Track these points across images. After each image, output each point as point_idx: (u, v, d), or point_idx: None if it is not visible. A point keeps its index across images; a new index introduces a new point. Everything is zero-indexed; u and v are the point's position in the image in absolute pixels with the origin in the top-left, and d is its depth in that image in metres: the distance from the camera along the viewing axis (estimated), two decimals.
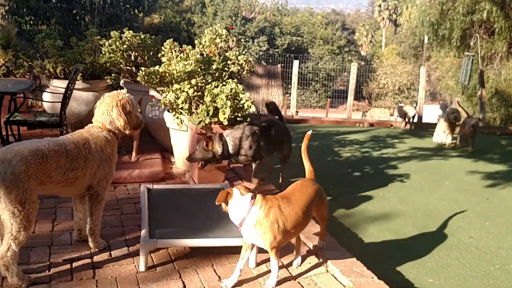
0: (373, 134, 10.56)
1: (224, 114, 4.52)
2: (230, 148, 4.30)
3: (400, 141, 9.80)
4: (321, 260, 3.25)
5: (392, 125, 12.51)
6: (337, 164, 7.27)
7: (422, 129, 11.89)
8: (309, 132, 3.28)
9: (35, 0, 9.21)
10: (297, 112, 14.58)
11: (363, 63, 27.87)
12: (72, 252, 3.12)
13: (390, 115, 13.35)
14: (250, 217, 2.70)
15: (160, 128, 5.80)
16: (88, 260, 3.03)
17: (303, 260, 3.20)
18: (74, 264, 2.97)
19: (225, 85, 4.65)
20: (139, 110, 3.26)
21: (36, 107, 7.98)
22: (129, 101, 3.07)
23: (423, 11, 14.01)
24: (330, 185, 5.79)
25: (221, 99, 4.50)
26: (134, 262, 3.05)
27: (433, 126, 11.02)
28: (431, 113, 14.16)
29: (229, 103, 4.49)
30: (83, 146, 2.87)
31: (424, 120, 12.85)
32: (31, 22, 10.69)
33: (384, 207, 5.34)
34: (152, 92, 5.95)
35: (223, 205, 2.77)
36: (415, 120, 12.39)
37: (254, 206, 2.71)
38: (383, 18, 46.89)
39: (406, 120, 12.19)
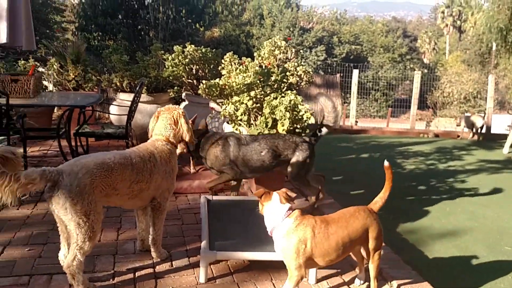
0: (439, 146, 10.13)
1: (283, 125, 4.50)
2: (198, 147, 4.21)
3: (468, 153, 9.34)
4: (385, 279, 3.12)
5: (458, 136, 11.96)
6: (400, 176, 7.02)
7: (491, 140, 11.27)
8: (387, 164, 2.86)
9: (103, 17, 9.73)
10: (356, 122, 14.27)
11: (426, 71, 26.90)
12: (135, 261, 3.20)
13: (457, 126, 12.75)
14: (281, 228, 2.60)
15: None
16: (150, 270, 3.10)
17: (366, 278, 3.09)
18: (137, 274, 3.04)
19: (284, 97, 4.63)
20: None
21: (103, 118, 8.37)
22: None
23: (491, 16, 13.31)
24: (394, 198, 5.57)
25: (280, 110, 4.48)
26: (194, 273, 3.07)
27: (502, 137, 10.42)
28: (500, 123, 13.41)
29: (288, 114, 4.47)
30: (149, 159, 2.95)
31: (493, 131, 12.17)
32: (99, 37, 11.29)
33: (451, 223, 5.07)
34: (212, 104, 6.05)
35: (260, 206, 2.72)
36: (483, 130, 11.76)
37: (288, 218, 2.61)
38: (447, 25, 45.17)
39: (474, 130, 11.60)
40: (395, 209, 5.23)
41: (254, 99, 4.82)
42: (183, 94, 7.19)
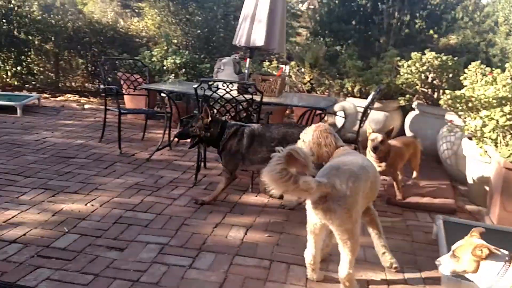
0: None
1: None
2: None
3: None
4: None
5: None
6: None
7: None
8: None
9: (337, 22, 9.96)
10: None
11: None
12: (367, 270, 3.17)
13: None
14: (504, 282, 2.13)
15: (452, 154, 5.44)
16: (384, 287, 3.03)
17: None
18: (370, 287, 3.01)
19: None
20: None
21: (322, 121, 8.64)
22: None
23: None
24: None
25: None
26: None
27: None
28: None
29: None
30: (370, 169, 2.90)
31: None
32: (331, 43, 11.59)
33: None
34: (450, 116, 5.62)
35: (469, 265, 2.23)
36: None
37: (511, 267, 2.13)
38: None
39: None
40: None
41: (507, 116, 4.27)
42: (414, 104, 6.88)
